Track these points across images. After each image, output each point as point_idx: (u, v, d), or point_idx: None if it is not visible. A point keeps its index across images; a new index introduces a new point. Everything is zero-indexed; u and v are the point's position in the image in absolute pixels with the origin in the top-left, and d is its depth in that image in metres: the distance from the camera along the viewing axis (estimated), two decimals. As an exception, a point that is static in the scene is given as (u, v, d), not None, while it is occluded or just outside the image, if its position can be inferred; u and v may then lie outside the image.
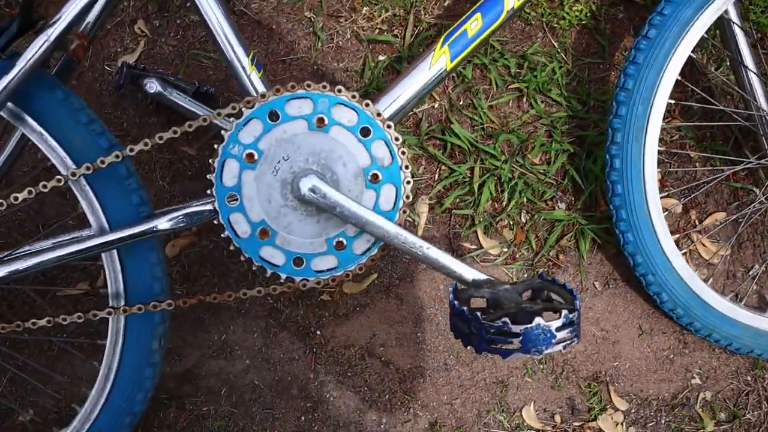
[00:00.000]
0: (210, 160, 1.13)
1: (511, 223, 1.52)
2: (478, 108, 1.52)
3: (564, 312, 0.98)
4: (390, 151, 1.18)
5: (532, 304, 1.06)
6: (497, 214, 1.50)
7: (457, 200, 1.51)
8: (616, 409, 1.47)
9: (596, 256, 1.53)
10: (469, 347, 1.03)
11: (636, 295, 1.51)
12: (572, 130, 1.53)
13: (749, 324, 1.42)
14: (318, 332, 1.46)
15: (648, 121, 1.37)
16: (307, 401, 1.44)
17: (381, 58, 1.55)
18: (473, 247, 1.51)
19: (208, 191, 1.16)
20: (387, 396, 1.44)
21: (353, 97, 1.16)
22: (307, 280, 1.21)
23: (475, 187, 1.48)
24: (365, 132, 1.14)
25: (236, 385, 1.44)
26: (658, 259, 1.41)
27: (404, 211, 1.20)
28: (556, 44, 1.57)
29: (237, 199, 1.15)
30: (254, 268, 1.19)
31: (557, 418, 1.47)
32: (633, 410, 1.48)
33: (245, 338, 1.46)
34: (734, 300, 1.46)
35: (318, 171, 1.16)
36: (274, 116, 1.13)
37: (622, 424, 1.47)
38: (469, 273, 1.16)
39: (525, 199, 1.52)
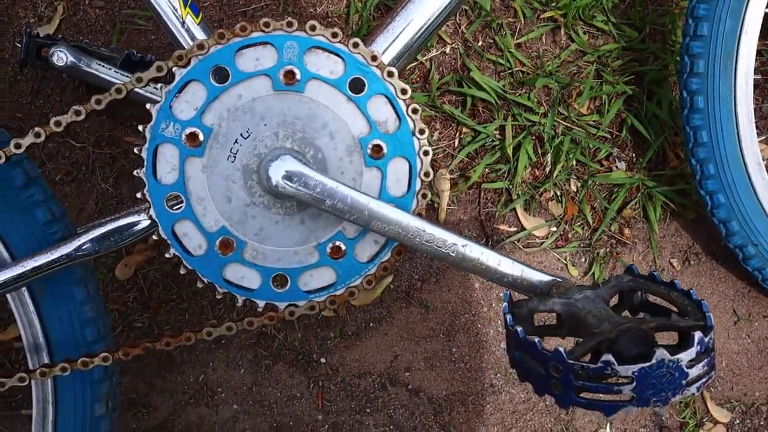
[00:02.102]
0: (136, 149, 0.76)
1: (559, 193, 1.17)
2: (502, 48, 1.17)
3: (698, 335, 0.60)
4: (396, 111, 0.83)
5: (638, 322, 0.68)
6: (540, 184, 1.15)
7: (487, 171, 1.15)
8: (716, 422, 1.15)
9: (670, 226, 1.19)
10: (546, 396, 0.64)
11: (726, 272, 1.18)
12: (627, 66, 1.19)
13: None
14: (323, 360, 1.12)
15: (739, 40, 1.01)
16: (317, 451, 1.09)
17: (370, -5, 1.16)
18: (512, 229, 1.15)
19: (139, 194, 0.79)
20: (420, 434, 1.10)
21: (334, 36, 0.79)
22: (296, 306, 0.85)
23: (509, 151, 1.12)
24: (357, 86, 0.81)
25: (223, 438, 1.09)
26: (760, 224, 1.07)
27: (424, 195, 0.82)
28: (596, -45, 1.19)
29: (182, 202, 0.81)
30: (219, 296, 0.82)
31: (642, 441, 1.11)
32: (737, 421, 1.14)
33: (230, 376, 1.11)
34: None
35: (294, 149, 0.84)
36: (221, 75, 0.79)
37: (725, 440, 1.12)
38: (528, 274, 0.81)
39: (574, 162, 1.22)
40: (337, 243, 0.84)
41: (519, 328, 0.67)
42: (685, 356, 0.61)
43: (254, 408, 1.12)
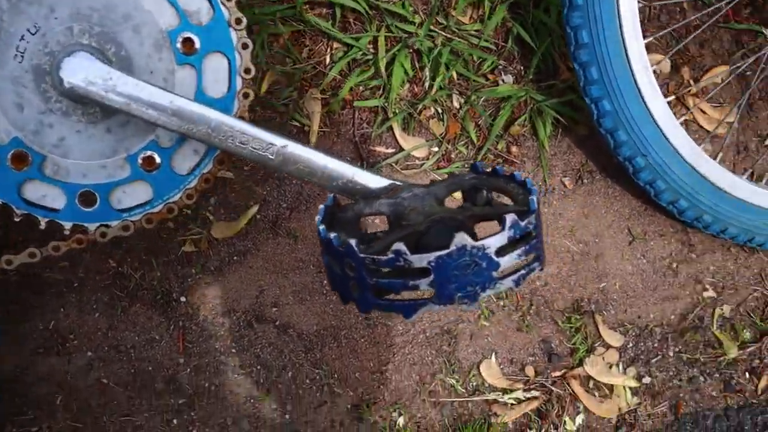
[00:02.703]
0: None
1: (440, 111, 1.12)
2: (372, -49, 1.07)
3: (510, 217, 0.55)
4: (208, -1, 0.74)
5: (454, 212, 0.63)
6: (418, 100, 1.09)
7: (360, 88, 1.10)
8: (608, 347, 1.12)
9: (561, 142, 1.15)
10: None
11: (621, 190, 1.16)
12: (510, -32, 1.10)
13: (776, 209, 1.12)
14: (183, 299, 1.07)
15: (618, -75, 0.95)
16: (179, 396, 1.05)
17: None
18: (390, 150, 1.10)
19: None
20: (290, 373, 1.07)
21: None
22: (108, 227, 0.78)
23: (382, 65, 1.05)
24: (162, -29, 0.73)
25: (76, 387, 1.05)
26: (648, 132, 1.06)
27: (245, 95, 0.76)
28: None
29: (-37, 109, 0.72)
30: (17, 219, 0.75)
31: (530, 371, 1.10)
32: (630, 344, 1.12)
33: (83, 321, 1.06)
34: (752, 179, 1.19)
35: (92, 45, 0.75)
36: (-4, -42, 0.70)
37: (617, 365, 1.10)
38: (361, 178, 0.75)
39: (455, 74, 1.15)
40: (150, 153, 0.77)
41: (322, 227, 0.61)
42: (494, 242, 0.56)
43: (110, 354, 1.05)
